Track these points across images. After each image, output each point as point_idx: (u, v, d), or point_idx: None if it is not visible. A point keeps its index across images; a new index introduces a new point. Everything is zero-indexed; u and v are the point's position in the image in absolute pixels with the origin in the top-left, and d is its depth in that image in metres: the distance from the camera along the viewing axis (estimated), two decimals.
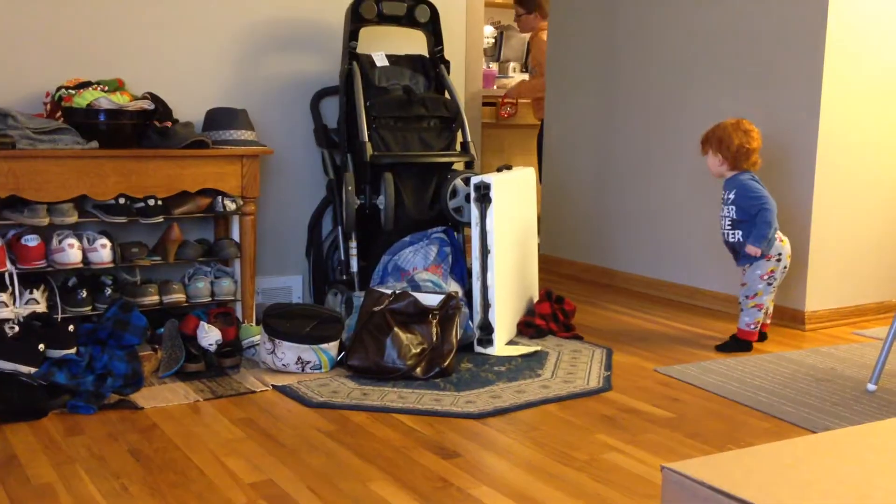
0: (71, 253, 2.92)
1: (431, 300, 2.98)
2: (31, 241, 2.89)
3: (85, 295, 2.97)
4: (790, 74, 3.62)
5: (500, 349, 3.17)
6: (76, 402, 2.52)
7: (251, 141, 3.30)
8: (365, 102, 3.41)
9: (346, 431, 2.42)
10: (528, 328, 3.42)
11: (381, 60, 3.57)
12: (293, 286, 3.75)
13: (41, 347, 2.62)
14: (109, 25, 3.29)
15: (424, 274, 3.20)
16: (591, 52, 4.60)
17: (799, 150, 3.60)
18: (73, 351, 2.68)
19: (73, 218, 2.95)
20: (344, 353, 2.94)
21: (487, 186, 3.10)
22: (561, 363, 3.07)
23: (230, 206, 3.22)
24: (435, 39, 3.69)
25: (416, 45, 3.78)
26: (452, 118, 3.56)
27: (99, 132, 2.97)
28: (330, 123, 3.68)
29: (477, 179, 3.12)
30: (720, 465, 1.30)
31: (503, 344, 3.24)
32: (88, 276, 3.09)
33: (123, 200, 3.03)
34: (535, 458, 2.27)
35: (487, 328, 3.15)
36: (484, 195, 3.11)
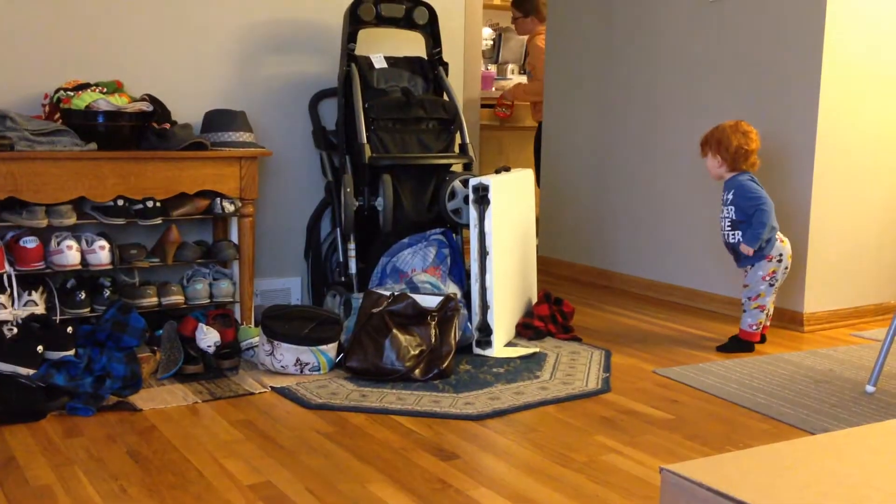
0: (69, 254, 2.92)
1: (430, 302, 2.98)
2: (29, 242, 2.88)
3: (83, 296, 2.97)
4: (789, 76, 3.62)
5: (498, 351, 3.17)
6: (75, 403, 2.52)
7: (250, 143, 3.30)
8: (363, 104, 3.41)
9: (344, 433, 2.42)
10: (526, 330, 3.42)
11: (379, 62, 3.57)
12: (292, 288, 3.75)
13: (40, 349, 2.62)
14: (108, 27, 3.29)
15: (423, 276, 3.20)
16: (589, 53, 4.60)
17: (797, 151, 3.60)
18: (71, 352, 2.68)
19: (71, 219, 2.95)
20: (342, 354, 2.94)
21: (486, 188, 3.10)
22: (559, 365, 3.07)
23: (229, 207, 3.22)
24: (433, 41, 3.69)
25: (414, 46, 3.78)
26: (451, 120, 3.56)
27: (97, 134, 2.97)
28: (328, 125, 3.68)
29: (475, 181, 3.13)
30: (719, 466, 1.30)
31: (502, 345, 3.24)
32: (87, 277, 3.09)
33: (122, 202, 3.03)
34: (533, 459, 2.27)
35: (486, 330, 3.15)
36: (482, 197, 3.11)
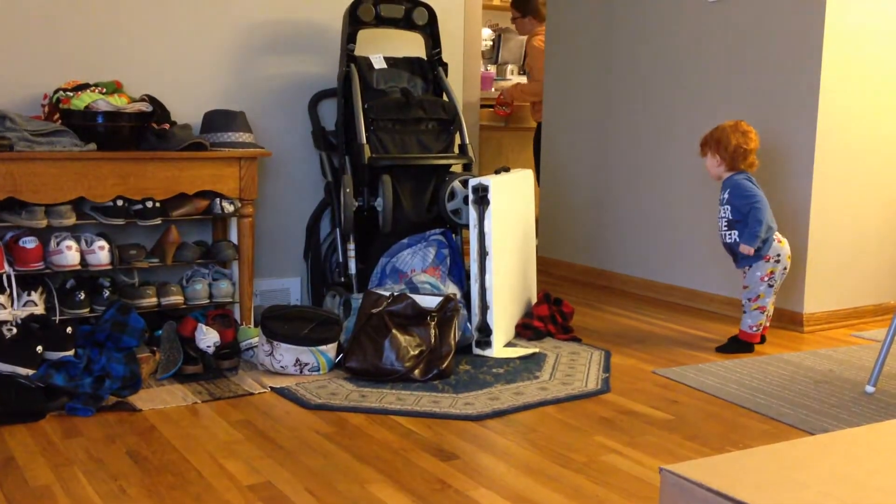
0: (69, 255, 2.92)
1: (430, 302, 2.98)
2: (28, 242, 2.88)
3: (83, 297, 2.97)
4: (789, 76, 3.62)
5: (498, 351, 3.17)
6: (74, 404, 2.52)
7: (249, 143, 3.30)
8: (363, 105, 3.41)
9: (344, 433, 2.42)
10: (526, 330, 3.42)
11: (379, 63, 3.57)
12: (291, 288, 3.75)
13: (39, 349, 2.62)
14: (107, 28, 3.29)
15: (422, 276, 3.20)
16: (589, 53, 4.60)
17: (797, 151, 3.60)
18: (70, 353, 2.67)
19: (70, 220, 2.95)
20: (342, 354, 2.94)
21: (486, 188, 3.10)
22: (559, 365, 3.07)
23: (228, 208, 3.21)
24: (433, 42, 3.69)
25: (414, 47, 3.78)
26: (450, 120, 3.56)
27: (97, 134, 2.97)
28: (328, 126, 3.68)
29: (475, 181, 3.12)
30: (718, 466, 1.30)
31: (501, 346, 3.24)
32: (86, 277, 3.09)
33: (121, 202, 3.03)
34: (533, 459, 2.27)
35: (486, 330, 3.15)
36: (482, 197, 3.11)
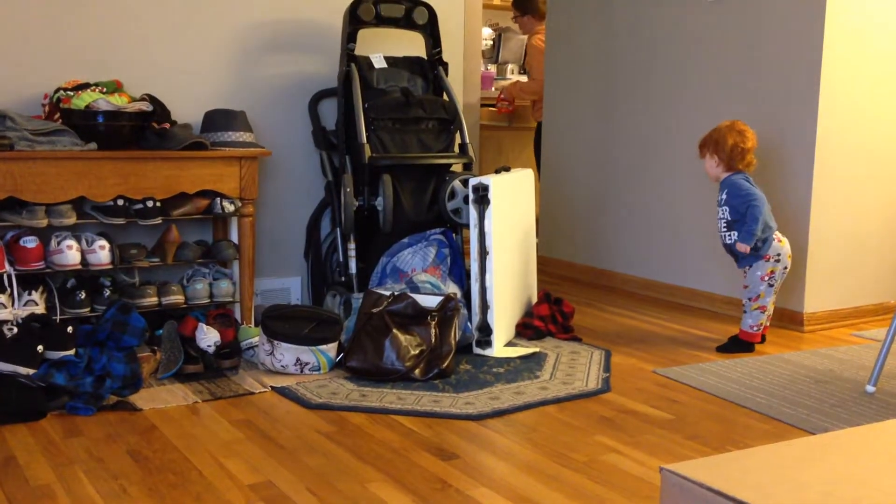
0: (69, 254, 2.92)
1: (430, 302, 2.98)
2: (29, 242, 2.88)
3: (83, 296, 2.97)
4: (789, 76, 3.62)
5: (498, 350, 3.17)
6: (75, 403, 2.52)
7: (249, 142, 3.30)
8: (363, 104, 3.41)
9: (344, 433, 2.42)
10: (526, 329, 3.42)
11: (379, 62, 3.57)
12: (292, 288, 3.75)
13: (40, 349, 2.62)
14: (108, 27, 3.29)
15: (423, 275, 3.20)
16: (589, 53, 4.60)
17: (797, 151, 3.60)
18: (71, 352, 2.68)
19: (71, 219, 2.95)
20: (343, 354, 2.94)
21: (486, 188, 3.10)
22: (559, 364, 3.08)
23: (229, 207, 3.22)
24: (433, 41, 3.69)
25: (414, 46, 3.78)
26: (451, 120, 3.56)
27: (97, 134, 2.97)
28: (328, 125, 3.68)
29: (475, 181, 3.13)
30: (719, 466, 1.30)
31: (502, 345, 3.24)
32: (87, 277, 3.09)
33: (122, 202, 3.03)
34: (533, 459, 2.27)
35: (486, 330, 3.15)
36: (482, 197, 3.11)
